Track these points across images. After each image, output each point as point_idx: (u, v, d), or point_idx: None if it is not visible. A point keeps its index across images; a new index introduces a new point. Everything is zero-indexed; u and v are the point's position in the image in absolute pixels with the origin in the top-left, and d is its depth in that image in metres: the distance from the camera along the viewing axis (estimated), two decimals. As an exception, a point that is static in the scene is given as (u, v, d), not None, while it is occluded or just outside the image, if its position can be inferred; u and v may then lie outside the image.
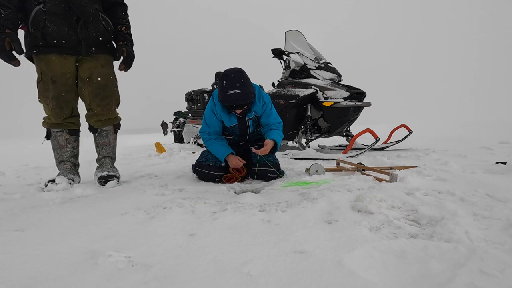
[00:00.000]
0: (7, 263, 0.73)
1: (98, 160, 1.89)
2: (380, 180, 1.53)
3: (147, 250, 0.78)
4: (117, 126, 1.92)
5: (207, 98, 4.65)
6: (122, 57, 1.76)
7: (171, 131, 7.40)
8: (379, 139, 2.95)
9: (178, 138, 6.81)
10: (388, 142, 3.51)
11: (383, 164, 2.04)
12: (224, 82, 1.61)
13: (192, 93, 5.03)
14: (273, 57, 3.77)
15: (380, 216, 0.94)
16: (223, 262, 0.70)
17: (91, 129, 1.85)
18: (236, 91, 1.59)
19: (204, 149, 1.97)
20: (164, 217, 1.03)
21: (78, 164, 1.86)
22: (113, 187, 1.69)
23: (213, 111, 1.79)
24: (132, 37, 1.83)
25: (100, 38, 1.68)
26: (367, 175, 1.66)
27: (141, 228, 0.95)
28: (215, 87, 4.22)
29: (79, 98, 1.78)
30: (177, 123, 7.05)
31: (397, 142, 3.48)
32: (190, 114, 5.27)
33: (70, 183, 1.63)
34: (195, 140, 5.11)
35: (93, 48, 1.67)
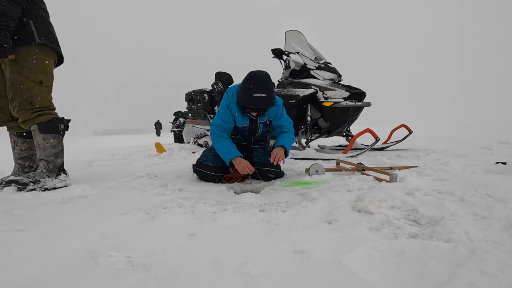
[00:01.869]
0: (7, 263, 0.73)
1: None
2: (380, 180, 1.53)
3: (147, 250, 0.78)
4: (44, 125, 1.64)
5: (207, 98, 4.65)
6: None
7: (171, 131, 7.39)
8: (379, 139, 2.95)
9: (178, 138, 6.80)
10: (388, 142, 3.51)
11: (383, 164, 2.04)
12: (252, 84, 1.60)
13: (192, 93, 5.03)
14: (273, 57, 3.77)
15: (380, 216, 0.94)
16: (223, 262, 0.70)
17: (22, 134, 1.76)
18: (263, 94, 1.60)
19: (205, 149, 1.96)
20: (164, 217, 1.03)
21: (30, 166, 1.80)
22: (11, 192, 1.52)
23: (228, 106, 1.77)
24: None
25: None
26: (367, 175, 1.66)
27: (141, 228, 0.95)
28: (215, 87, 4.21)
29: None
30: (177, 123, 7.05)
31: (397, 142, 3.49)
32: (190, 114, 5.27)
33: None
34: (195, 140, 5.11)
35: None
